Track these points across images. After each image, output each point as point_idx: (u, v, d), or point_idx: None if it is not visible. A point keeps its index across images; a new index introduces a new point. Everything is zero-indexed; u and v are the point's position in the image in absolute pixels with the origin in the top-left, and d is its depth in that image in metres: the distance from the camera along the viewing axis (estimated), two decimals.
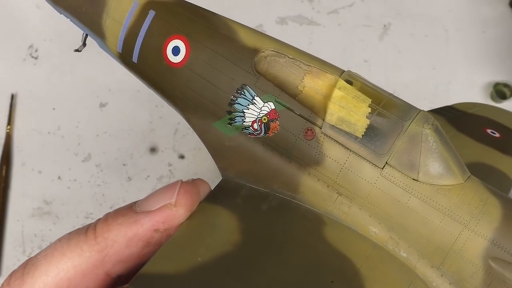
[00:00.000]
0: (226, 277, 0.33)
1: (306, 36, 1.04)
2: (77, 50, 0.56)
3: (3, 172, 0.87)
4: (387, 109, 0.39)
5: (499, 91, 0.97)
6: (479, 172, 0.50)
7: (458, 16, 1.08)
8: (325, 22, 1.06)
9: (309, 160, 0.41)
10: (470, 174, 0.40)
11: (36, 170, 0.89)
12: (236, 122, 0.43)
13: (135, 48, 0.47)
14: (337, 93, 0.39)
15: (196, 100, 0.45)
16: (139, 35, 0.47)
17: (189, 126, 0.47)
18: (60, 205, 0.86)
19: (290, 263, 0.36)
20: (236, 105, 0.43)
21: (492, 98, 0.98)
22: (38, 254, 0.37)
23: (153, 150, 0.92)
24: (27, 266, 0.36)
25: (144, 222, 0.36)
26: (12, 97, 0.95)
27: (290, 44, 0.43)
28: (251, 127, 0.43)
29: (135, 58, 0.48)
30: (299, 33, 1.04)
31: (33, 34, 1.03)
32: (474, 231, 0.37)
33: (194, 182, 0.40)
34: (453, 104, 0.70)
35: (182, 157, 0.91)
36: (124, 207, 0.38)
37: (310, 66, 0.41)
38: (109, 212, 0.38)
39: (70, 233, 0.37)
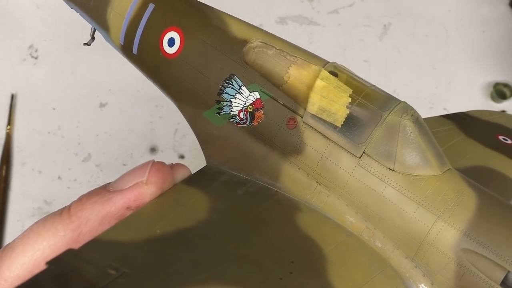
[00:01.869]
0: (178, 248, 0.34)
1: (306, 36, 1.04)
2: (86, 44, 0.58)
3: (3, 172, 0.87)
4: (367, 99, 0.39)
5: (499, 91, 0.97)
6: (482, 175, 0.49)
7: (458, 16, 1.08)
8: (325, 22, 1.06)
9: (290, 148, 0.42)
10: (450, 167, 0.40)
11: (36, 170, 0.89)
12: (224, 111, 0.44)
13: (135, 40, 0.49)
14: (319, 83, 0.40)
15: (189, 90, 0.46)
16: (138, 28, 0.49)
17: (185, 119, 0.48)
18: (60, 205, 0.85)
19: (250, 242, 0.37)
20: (224, 95, 0.44)
21: (492, 98, 0.98)
22: (16, 238, 0.37)
23: (153, 150, 0.92)
24: (5, 249, 0.37)
25: (116, 200, 0.37)
26: (12, 97, 0.95)
27: None
28: (237, 116, 0.43)
29: (135, 50, 0.50)
30: (299, 33, 1.04)
31: (33, 34, 1.03)
32: (447, 222, 0.37)
33: (169, 165, 0.41)
34: (468, 111, 0.69)
35: (182, 157, 0.91)
36: (98, 187, 0.39)
37: (296, 57, 0.41)
38: (84, 193, 0.39)
39: (46, 216, 0.38)
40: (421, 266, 0.38)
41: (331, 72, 0.40)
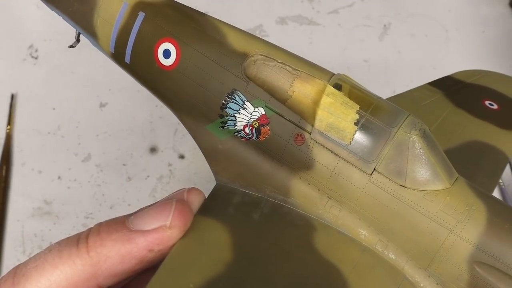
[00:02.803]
0: None
1: (306, 36, 1.04)
2: (71, 46, 0.56)
3: (3, 172, 0.87)
4: (375, 115, 0.39)
5: None
6: (475, 151, 0.51)
7: (458, 16, 1.08)
8: (325, 22, 1.06)
9: (299, 164, 0.42)
10: (457, 175, 0.41)
11: (36, 170, 0.89)
12: (228, 125, 0.43)
13: (126, 49, 0.48)
14: (325, 99, 0.39)
15: (189, 103, 0.45)
16: (130, 37, 0.47)
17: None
18: (60, 205, 0.86)
19: (278, 281, 0.37)
20: (227, 109, 0.43)
21: None
22: (27, 263, 0.36)
23: (153, 150, 0.92)
24: (16, 276, 0.36)
25: (138, 241, 0.36)
26: (12, 97, 0.95)
27: (290, 44, 0.43)
28: (242, 131, 0.43)
29: (127, 59, 0.48)
30: (299, 33, 1.04)
31: (33, 34, 1.03)
32: (459, 236, 0.38)
33: (188, 199, 0.40)
34: (453, 74, 0.69)
35: (182, 157, 0.91)
36: (116, 220, 0.38)
37: (299, 70, 0.41)
38: (101, 224, 0.38)
39: (60, 244, 0.37)
40: (435, 276, 0.39)
41: (335, 85, 0.40)
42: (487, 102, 0.63)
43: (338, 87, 0.40)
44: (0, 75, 0.98)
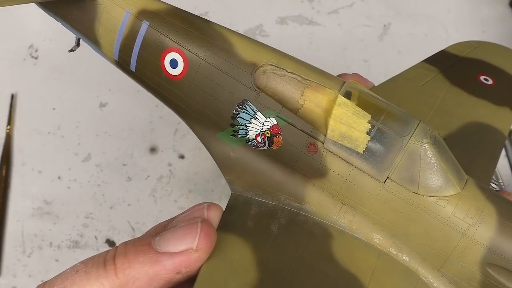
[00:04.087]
0: None
1: (306, 36, 1.04)
2: (71, 50, 0.56)
3: (3, 172, 0.87)
4: (386, 123, 0.40)
5: None
6: (474, 133, 0.53)
7: (458, 16, 1.08)
8: (325, 22, 1.06)
9: (313, 172, 0.42)
10: (467, 177, 0.41)
11: (36, 170, 0.89)
12: (239, 134, 0.44)
13: (131, 58, 0.48)
14: (337, 110, 0.40)
15: (199, 111, 0.45)
16: (134, 46, 0.47)
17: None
18: (60, 205, 0.86)
19: None
20: (238, 119, 0.43)
21: None
22: (54, 283, 0.36)
23: (153, 150, 0.92)
24: None
25: (166, 264, 0.36)
26: (12, 97, 0.95)
27: (290, 44, 0.44)
28: (254, 140, 0.43)
29: (132, 67, 0.48)
30: (299, 33, 1.04)
31: (33, 34, 1.03)
32: (472, 239, 0.39)
33: (208, 217, 0.39)
34: (447, 48, 0.69)
35: (182, 157, 0.91)
36: (142, 241, 0.38)
37: (309, 80, 0.41)
38: (127, 245, 0.38)
39: (86, 264, 0.37)
40: (447, 276, 0.40)
41: (345, 92, 0.40)
42: (482, 78, 0.62)
43: (347, 94, 0.40)
44: (0, 75, 0.98)
